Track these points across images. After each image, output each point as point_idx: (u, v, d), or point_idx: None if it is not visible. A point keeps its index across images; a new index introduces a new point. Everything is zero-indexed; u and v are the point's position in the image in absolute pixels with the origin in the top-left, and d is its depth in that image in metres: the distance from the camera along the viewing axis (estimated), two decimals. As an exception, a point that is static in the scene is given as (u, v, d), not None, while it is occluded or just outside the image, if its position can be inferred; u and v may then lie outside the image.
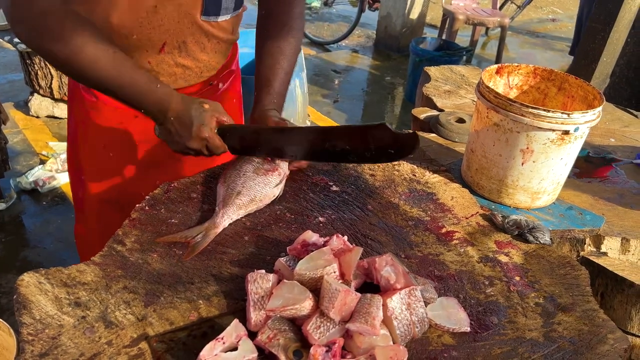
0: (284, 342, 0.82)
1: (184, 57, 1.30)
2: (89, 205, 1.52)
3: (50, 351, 0.80)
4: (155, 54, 1.26)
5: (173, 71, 1.31)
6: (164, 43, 1.24)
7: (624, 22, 2.54)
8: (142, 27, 1.19)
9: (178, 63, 1.30)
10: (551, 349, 0.92)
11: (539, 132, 1.22)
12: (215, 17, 1.26)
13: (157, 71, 1.29)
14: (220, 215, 1.09)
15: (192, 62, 1.33)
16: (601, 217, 1.34)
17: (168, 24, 1.21)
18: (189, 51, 1.29)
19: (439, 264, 1.09)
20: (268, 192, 1.17)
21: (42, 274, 0.92)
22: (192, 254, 1.02)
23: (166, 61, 1.29)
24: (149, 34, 1.21)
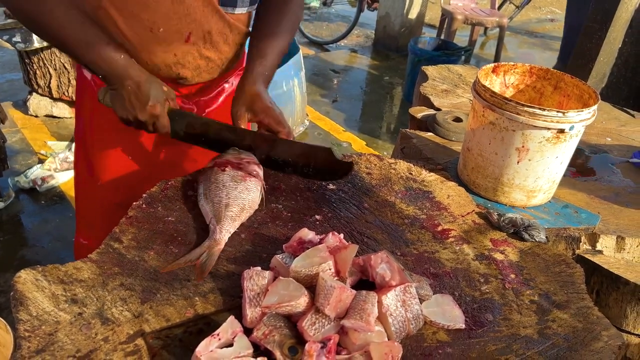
0: (280, 338, 0.82)
1: (208, 49, 1.32)
2: (98, 211, 1.49)
3: (46, 347, 0.81)
4: (181, 45, 1.28)
5: (197, 63, 1.33)
6: (190, 33, 1.26)
7: (620, 21, 2.54)
8: (168, 18, 1.22)
9: (202, 55, 1.32)
10: (545, 346, 0.92)
11: (535, 131, 1.23)
12: (233, 8, 1.29)
13: (182, 63, 1.31)
14: (219, 231, 1.06)
15: (216, 54, 1.34)
16: (597, 216, 1.35)
17: (194, 13, 1.23)
18: (213, 42, 1.31)
19: (434, 261, 1.10)
20: (254, 198, 1.15)
21: (39, 271, 0.93)
22: (203, 274, 0.98)
23: (191, 52, 1.30)
24: (176, 24, 1.23)
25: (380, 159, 1.41)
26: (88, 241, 1.54)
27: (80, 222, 1.59)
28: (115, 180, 1.45)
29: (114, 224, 1.37)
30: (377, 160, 1.40)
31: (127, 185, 1.45)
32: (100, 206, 1.49)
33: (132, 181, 1.45)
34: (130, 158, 1.43)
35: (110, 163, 1.44)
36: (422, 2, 6.01)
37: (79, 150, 1.51)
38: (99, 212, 1.50)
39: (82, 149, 1.49)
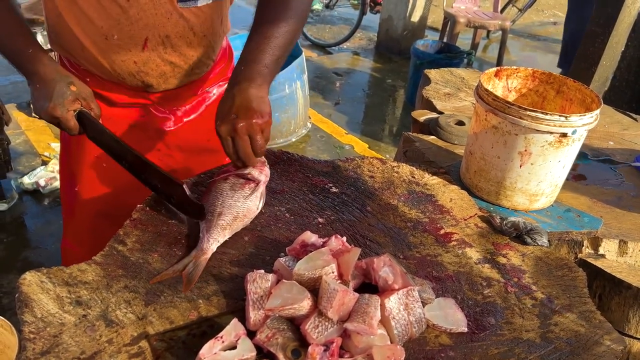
0: (283, 341, 0.83)
1: (169, 54, 1.26)
2: (81, 217, 1.47)
3: (51, 349, 0.81)
4: (139, 52, 1.23)
5: (162, 70, 1.28)
6: (146, 39, 1.21)
7: (623, 25, 2.55)
8: (120, 24, 1.18)
9: (165, 60, 1.26)
10: (548, 350, 0.92)
11: (537, 135, 1.23)
12: (194, 2, 1.20)
13: (145, 71, 1.26)
14: (206, 240, 1.04)
15: (180, 59, 1.28)
16: (599, 219, 1.35)
17: (146, 17, 1.18)
18: (174, 46, 1.25)
19: (437, 265, 1.10)
20: (251, 206, 1.11)
21: (44, 273, 0.93)
22: (190, 285, 0.96)
23: (152, 59, 1.25)
24: (129, 30, 1.19)
25: (383, 162, 1.42)
26: (73, 246, 1.51)
27: (66, 228, 1.56)
28: (98, 189, 1.42)
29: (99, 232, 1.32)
30: (379, 163, 1.41)
31: (110, 194, 1.42)
32: (84, 214, 1.45)
33: (116, 190, 1.41)
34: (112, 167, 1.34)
35: (90, 171, 1.40)
36: (425, 5, 6.01)
37: (63, 158, 1.48)
38: (83, 220, 1.47)
39: (66, 157, 1.46)
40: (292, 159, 1.37)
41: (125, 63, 1.24)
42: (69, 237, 1.54)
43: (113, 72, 1.26)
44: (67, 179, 1.48)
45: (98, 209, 1.43)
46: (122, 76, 1.27)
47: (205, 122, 1.46)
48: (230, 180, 1.14)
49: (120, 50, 1.22)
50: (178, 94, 1.38)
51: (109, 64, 1.25)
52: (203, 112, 1.46)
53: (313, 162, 1.38)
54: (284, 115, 3.78)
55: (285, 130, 3.89)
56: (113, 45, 1.21)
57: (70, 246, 1.52)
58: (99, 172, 1.40)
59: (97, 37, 1.20)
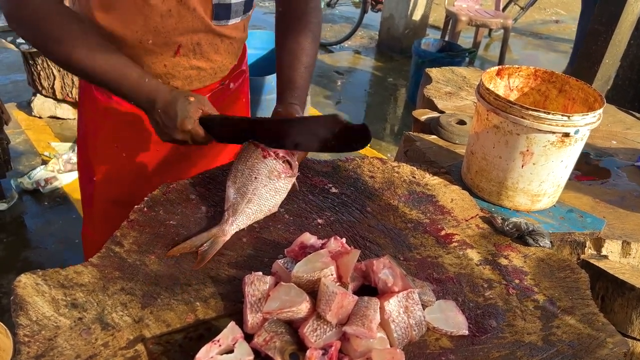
0: (281, 344, 0.81)
1: (198, 59, 1.31)
2: (97, 206, 1.51)
3: (46, 353, 0.80)
4: (171, 57, 1.27)
5: (188, 73, 1.33)
6: (179, 46, 1.26)
7: (626, 24, 2.53)
8: (157, 31, 1.21)
9: (193, 65, 1.32)
10: (550, 353, 0.91)
11: (539, 135, 1.22)
12: (226, 21, 1.28)
13: (173, 74, 1.31)
14: (230, 223, 1.06)
15: (206, 64, 1.34)
16: (602, 220, 1.33)
17: (182, 27, 1.22)
18: (203, 53, 1.30)
19: (437, 266, 1.09)
20: (277, 202, 1.15)
21: (40, 275, 0.92)
22: (202, 263, 1.00)
23: (181, 64, 1.30)
24: (164, 37, 1.23)
25: (383, 162, 1.40)
26: (92, 234, 1.57)
27: (85, 215, 1.61)
28: (113, 178, 1.45)
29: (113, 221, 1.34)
30: (380, 163, 1.40)
31: (126, 182, 1.45)
32: (100, 203, 1.50)
33: (131, 179, 1.45)
34: (129, 156, 1.43)
35: (109, 161, 1.44)
36: (426, 4, 5.99)
37: (81, 151, 1.52)
38: (99, 209, 1.51)
39: (84, 151, 1.50)
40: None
41: (154, 65, 1.27)
42: (88, 224, 1.60)
43: None
44: (85, 172, 1.52)
45: (114, 198, 1.47)
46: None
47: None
48: (269, 161, 1.13)
49: (152, 54, 1.25)
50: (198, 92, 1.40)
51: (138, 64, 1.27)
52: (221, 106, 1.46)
53: (313, 162, 1.36)
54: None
55: (286, 130, 3.88)
56: (146, 49, 1.24)
57: (90, 233, 1.57)
58: (118, 161, 1.43)
59: (131, 41, 1.22)
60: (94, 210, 1.54)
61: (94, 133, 1.44)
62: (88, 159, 1.49)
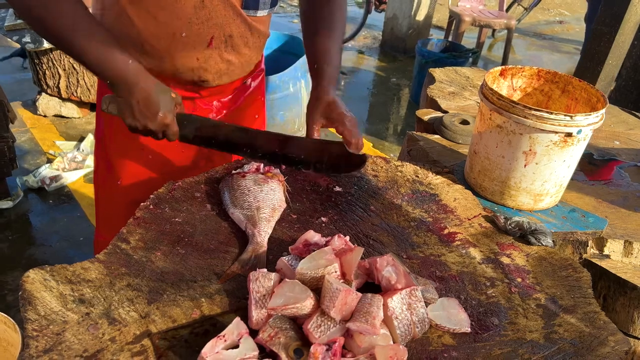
0: (285, 340, 0.82)
1: (229, 52, 1.32)
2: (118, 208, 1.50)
3: (54, 347, 0.81)
4: (203, 50, 1.28)
5: (219, 67, 1.33)
6: (212, 37, 1.26)
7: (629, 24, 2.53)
8: (190, 23, 1.22)
9: (224, 58, 1.32)
10: (551, 351, 0.92)
11: (542, 134, 1.22)
12: (255, 11, 1.29)
13: (205, 67, 1.31)
14: (257, 234, 1.08)
15: (236, 57, 1.35)
16: (604, 220, 1.34)
17: (216, 17, 1.23)
18: (234, 45, 1.31)
19: (440, 264, 1.09)
20: (281, 197, 1.18)
21: (47, 271, 0.93)
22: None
23: (213, 57, 1.30)
24: (198, 29, 1.23)
25: (386, 161, 1.41)
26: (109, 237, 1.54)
27: (100, 220, 1.61)
28: (136, 179, 1.46)
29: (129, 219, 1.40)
30: (383, 162, 1.41)
31: (148, 183, 1.45)
32: (121, 204, 1.49)
33: (154, 179, 1.45)
34: (150, 157, 1.44)
35: (130, 163, 1.45)
36: (430, 4, 6.00)
37: (99, 150, 1.52)
38: (119, 211, 1.49)
39: (102, 150, 1.50)
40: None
41: (188, 59, 1.28)
42: (103, 229, 1.59)
43: (172, 67, 1.30)
44: (104, 175, 1.52)
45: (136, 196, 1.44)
46: (180, 71, 1.31)
47: (243, 113, 1.53)
48: (250, 176, 1.21)
49: (185, 47, 1.26)
50: (224, 87, 1.44)
51: (170, 59, 1.28)
52: (241, 103, 1.51)
53: (317, 161, 1.37)
54: (288, 113, 3.78)
55: (290, 129, 3.89)
56: (179, 43, 1.25)
57: (105, 238, 1.55)
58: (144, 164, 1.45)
59: (163, 35, 1.23)
60: (114, 212, 1.52)
61: (114, 136, 1.44)
62: (109, 162, 1.48)
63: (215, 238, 1.09)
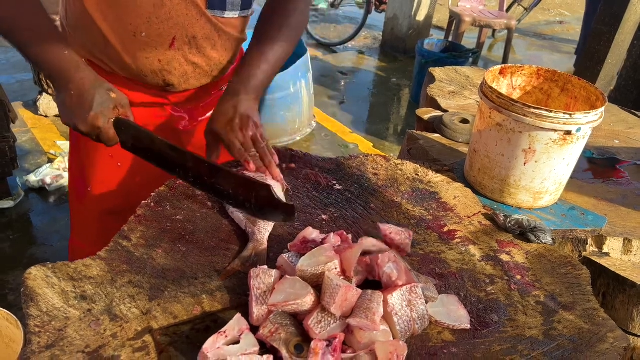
0: (286, 336, 0.83)
1: (194, 54, 1.28)
2: (91, 216, 1.46)
3: (56, 343, 0.82)
4: (165, 51, 1.24)
5: (184, 70, 1.29)
6: (174, 38, 1.22)
7: (629, 24, 2.54)
8: (150, 22, 1.18)
9: (189, 60, 1.28)
10: (551, 347, 0.92)
11: (541, 133, 1.23)
12: (222, 12, 1.25)
13: (168, 70, 1.27)
14: (258, 232, 1.08)
15: (203, 60, 1.30)
16: (603, 218, 1.34)
17: (176, 16, 1.20)
18: (199, 47, 1.27)
19: (440, 262, 1.10)
20: (280, 194, 1.17)
21: (49, 268, 0.94)
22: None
23: (177, 59, 1.26)
24: (158, 28, 1.20)
25: (386, 159, 1.42)
26: (82, 244, 1.50)
27: (74, 225, 1.55)
28: (106, 188, 1.41)
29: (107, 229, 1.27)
30: (383, 161, 1.41)
31: (121, 193, 1.41)
32: (94, 213, 1.44)
33: (127, 189, 1.41)
34: (119, 165, 1.37)
35: (100, 170, 1.39)
36: (430, 4, 6.00)
37: (73, 153, 1.47)
38: (92, 219, 1.46)
39: (75, 152, 1.44)
40: (296, 156, 1.38)
41: (149, 61, 1.25)
42: (78, 235, 1.54)
43: (136, 69, 1.26)
44: (77, 178, 1.46)
45: (108, 207, 1.43)
46: (144, 73, 1.27)
47: None
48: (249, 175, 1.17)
49: (146, 48, 1.22)
50: (195, 93, 1.39)
51: (132, 61, 1.24)
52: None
53: (317, 160, 1.38)
54: (289, 114, 3.78)
55: (290, 129, 3.90)
56: (140, 43, 1.21)
57: (79, 244, 1.52)
58: (113, 172, 1.39)
59: (124, 34, 1.20)
60: (87, 220, 1.48)
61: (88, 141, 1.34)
62: (82, 167, 1.42)
63: (216, 236, 1.09)
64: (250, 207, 1.09)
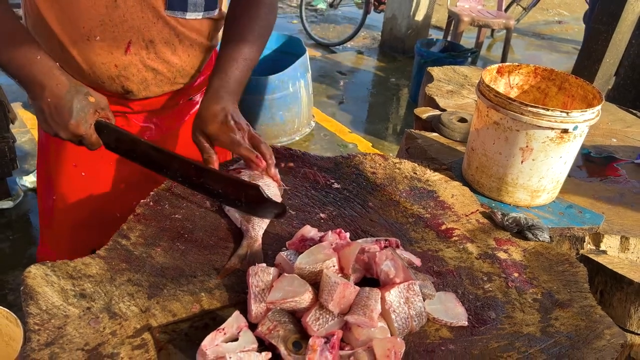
0: (284, 333, 0.83)
1: (152, 59, 1.22)
2: (59, 226, 1.42)
3: (55, 340, 0.82)
4: (121, 56, 1.19)
5: (143, 76, 1.24)
6: (129, 42, 1.17)
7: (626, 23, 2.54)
8: (103, 25, 1.14)
9: (147, 66, 1.23)
10: (548, 344, 0.93)
11: (538, 131, 1.23)
12: (182, 12, 1.19)
13: (126, 76, 1.22)
14: (252, 229, 1.08)
15: (163, 66, 1.25)
16: (601, 216, 1.35)
17: (131, 19, 1.15)
18: (157, 52, 1.22)
19: (438, 259, 1.10)
20: (276, 192, 1.17)
21: (49, 266, 0.94)
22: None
23: (134, 64, 1.21)
24: (112, 32, 1.15)
25: (384, 158, 1.42)
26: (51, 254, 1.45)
27: (43, 235, 1.50)
28: (77, 199, 1.36)
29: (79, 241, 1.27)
30: (381, 159, 1.42)
31: (89, 204, 1.36)
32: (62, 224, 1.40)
33: (96, 200, 1.36)
34: (92, 176, 1.33)
35: (65, 179, 1.34)
36: (429, 4, 6.02)
37: (41, 165, 1.41)
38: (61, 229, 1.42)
39: (43, 165, 1.39)
40: (295, 155, 1.38)
41: (105, 66, 1.20)
42: (47, 244, 1.48)
43: (92, 75, 1.21)
44: (44, 187, 1.41)
45: (77, 219, 1.38)
46: (101, 79, 1.22)
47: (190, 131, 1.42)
48: (245, 172, 1.18)
49: (101, 52, 1.18)
50: (159, 102, 1.34)
51: (88, 66, 1.20)
52: (188, 120, 1.42)
53: (315, 159, 1.38)
54: (288, 113, 3.79)
55: (289, 129, 3.90)
56: (94, 47, 1.16)
57: (48, 254, 1.46)
58: (77, 182, 1.34)
59: (79, 38, 1.15)
60: (55, 230, 1.42)
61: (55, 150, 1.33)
62: (48, 174, 1.37)
63: (214, 234, 1.10)
64: (241, 205, 1.10)
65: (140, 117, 1.34)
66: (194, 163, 1.11)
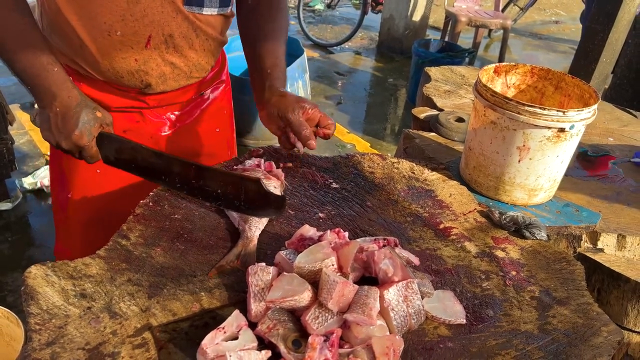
0: (283, 332, 0.84)
1: (171, 54, 1.26)
2: (73, 223, 1.45)
3: (56, 340, 0.83)
4: (141, 50, 1.22)
5: (162, 70, 1.27)
6: (150, 36, 1.20)
7: (622, 22, 2.56)
8: (124, 20, 1.16)
9: (166, 60, 1.26)
10: (545, 341, 0.93)
11: (535, 130, 1.24)
12: (200, 8, 1.23)
13: (145, 70, 1.25)
14: (248, 229, 1.08)
15: (181, 60, 1.29)
16: (597, 214, 1.36)
17: (152, 14, 1.18)
18: (176, 46, 1.25)
19: (436, 258, 1.11)
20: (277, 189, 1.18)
21: (49, 267, 0.95)
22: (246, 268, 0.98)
23: (153, 58, 1.24)
24: (133, 27, 1.18)
25: (383, 158, 1.43)
26: (66, 251, 1.49)
27: (58, 233, 1.53)
28: (92, 196, 1.39)
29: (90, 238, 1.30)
30: (380, 159, 1.42)
31: (103, 201, 1.39)
32: (76, 221, 1.43)
33: (109, 197, 1.39)
34: (107, 173, 1.35)
35: (80, 176, 1.37)
36: (426, 5, 6.03)
37: (54, 163, 1.45)
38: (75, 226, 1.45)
39: (56, 162, 1.43)
40: (294, 156, 1.39)
41: (125, 60, 1.23)
42: (62, 242, 1.52)
43: (112, 70, 1.24)
44: (58, 184, 1.44)
45: (90, 215, 1.41)
46: (120, 74, 1.25)
47: (201, 126, 1.46)
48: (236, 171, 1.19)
49: (122, 47, 1.21)
50: (174, 97, 1.37)
51: (108, 61, 1.23)
52: (198, 116, 1.45)
53: (314, 159, 1.39)
54: (286, 114, 3.79)
55: (287, 130, 3.90)
56: (115, 42, 1.19)
57: (63, 251, 1.50)
58: (93, 179, 1.37)
59: (99, 34, 1.18)
60: (70, 227, 1.46)
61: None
62: (62, 174, 1.40)
63: (214, 234, 1.10)
64: (239, 205, 1.11)
65: (154, 112, 1.37)
66: (194, 164, 1.13)
